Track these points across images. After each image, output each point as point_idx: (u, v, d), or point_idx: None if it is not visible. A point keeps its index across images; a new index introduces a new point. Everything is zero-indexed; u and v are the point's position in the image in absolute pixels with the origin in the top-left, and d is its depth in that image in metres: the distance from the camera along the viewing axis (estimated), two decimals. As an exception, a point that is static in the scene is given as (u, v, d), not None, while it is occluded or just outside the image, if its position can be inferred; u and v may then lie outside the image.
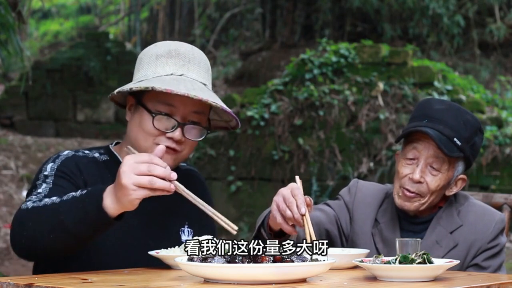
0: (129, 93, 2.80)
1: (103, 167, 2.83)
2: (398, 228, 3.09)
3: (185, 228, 2.87)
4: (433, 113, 3.03)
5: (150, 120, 2.73)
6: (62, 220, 2.46)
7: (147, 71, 2.80)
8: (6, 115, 14.13)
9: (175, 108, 2.73)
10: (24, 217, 2.54)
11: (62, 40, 20.07)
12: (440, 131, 2.98)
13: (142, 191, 2.38)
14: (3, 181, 11.12)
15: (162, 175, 2.39)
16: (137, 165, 2.39)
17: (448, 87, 9.30)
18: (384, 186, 3.24)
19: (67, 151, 2.83)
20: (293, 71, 9.68)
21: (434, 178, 3.01)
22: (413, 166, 3.03)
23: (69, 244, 2.53)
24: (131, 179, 2.37)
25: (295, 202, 2.59)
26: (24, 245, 2.55)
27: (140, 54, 2.90)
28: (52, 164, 2.76)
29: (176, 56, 2.80)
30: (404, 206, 3.05)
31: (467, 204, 3.12)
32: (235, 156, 9.63)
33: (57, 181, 2.71)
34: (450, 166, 3.02)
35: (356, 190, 3.20)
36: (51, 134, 14.06)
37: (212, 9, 17.13)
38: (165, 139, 2.73)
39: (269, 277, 2.24)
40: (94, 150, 2.89)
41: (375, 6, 13.38)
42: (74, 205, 2.47)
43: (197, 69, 2.81)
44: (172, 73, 2.77)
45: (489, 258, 3.04)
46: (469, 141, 3.02)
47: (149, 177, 2.37)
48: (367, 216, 3.14)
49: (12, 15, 5.11)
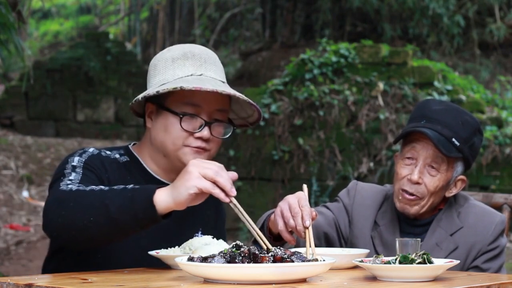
0: (147, 100, 2.81)
1: (124, 169, 2.84)
2: (398, 231, 3.08)
3: (198, 234, 2.86)
4: (431, 113, 3.02)
5: (177, 123, 2.75)
6: (107, 205, 2.44)
7: (165, 75, 2.81)
8: (6, 115, 14.13)
9: (200, 107, 2.76)
10: (66, 197, 2.51)
11: (62, 40, 20.08)
12: (438, 132, 2.97)
13: (204, 182, 2.38)
14: (3, 181, 11.12)
15: (223, 184, 2.41)
16: (206, 166, 2.41)
17: (448, 87, 9.30)
18: (383, 188, 3.23)
19: (92, 148, 2.83)
20: (293, 71, 9.68)
21: (432, 178, 3.00)
22: (412, 167, 3.02)
23: (106, 232, 2.48)
24: (198, 168, 2.38)
25: (300, 213, 2.57)
26: (59, 223, 2.50)
27: (153, 60, 2.90)
28: (79, 157, 2.77)
29: (192, 57, 2.82)
30: (405, 210, 3.04)
31: (467, 206, 3.11)
32: (235, 156, 9.63)
33: (86, 173, 2.71)
34: (449, 167, 3.01)
35: (355, 193, 3.18)
36: (51, 134, 14.07)
37: (212, 9, 17.13)
38: (193, 139, 2.76)
39: (269, 277, 2.24)
40: (115, 150, 2.89)
41: (375, 6, 13.38)
42: (122, 193, 2.46)
43: (214, 68, 2.84)
44: (192, 74, 2.80)
45: (489, 260, 3.04)
46: (468, 141, 3.01)
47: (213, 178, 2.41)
48: (366, 219, 3.13)
49: (12, 15, 5.11)
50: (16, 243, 8.96)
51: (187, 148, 2.76)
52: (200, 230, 2.88)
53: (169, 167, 2.84)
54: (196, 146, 2.75)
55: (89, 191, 2.51)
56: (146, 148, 2.87)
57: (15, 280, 2.32)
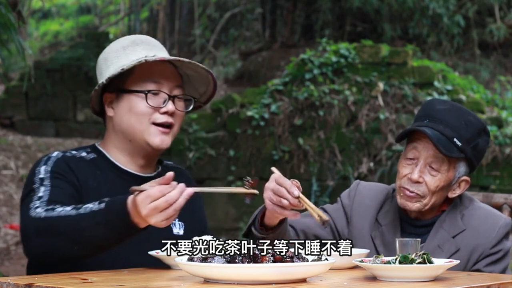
0: (103, 91, 2.87)
1: (93, 165, 2.86)
2: (399, 231, 3.06)
3: (176, 221, 2.90)
4: (434, 113, 3.01)
5: (141, 101, 2.82)
6: (88, 237, 2.53)
7: (120, 63, 2.87)
8: (6, 115, 14.12)
9: (161, 84, 2.84)
10: (41, 228, 2.58)
11: (62, 40, 20.06)
12: (440, 131, 2.96)
13: (161, 216, 2.47)
14: (3, 181, 11.12)
15: (174, 199, 2.48)
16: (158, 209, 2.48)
17: (448, 87, 9.29)
18: (385, 186, 3.21)
19: (55, 152, 2.86)
20: (293, 71, 9.68)
21: (433, 178, 2.99)
22: (413, 166, 3.01)
23: (94, 253, 2.61)
24: (154, 217, 2.46)
25: (284, 189, 2.63)
26: (44, 254, 2.60)
27: (101, 56, 2.97)
28: (45, 166, 2.79)
29: (141, 43, 2.91)
30: (406, 206, 3.03)
31: (471, 208, 3.07)
32: (235, 156, 9.62)
33: (54, 183, 2.74)
34: (450, 167, 2.99)
35: (355, 193, 3.16)
36: (51, 134, 14.06)
37: (212, 9, 17.12)
38: (159, 115, 2.82)
39: (269, 277, 2.24)
40: (81, 150, 2.92)
41: (375, 6, 13.37)
42: (96, 220, 2.53)
43: (164, 52, 2.94)
44: (146, 56, 2.86)
45: (491, 264, 2.99)
46: (471, 142, 2.99)
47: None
48: (365, 219, 3.11)
49: (12, 15, 5.11)
50: (16, 243, 8.96)
51: (153, 127, 2.82)
52: (176, 218, 2.90)
53: (136, 152, 2.88)
54: (163, 122, 2.81)
55: (57, 218, 2.57)
56: (110, 141, 2.91)
57: (15, 280, 2.32)
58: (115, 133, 2.88)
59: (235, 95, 10.22)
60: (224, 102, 9.80)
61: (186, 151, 9.76)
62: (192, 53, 16.26)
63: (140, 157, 2.88)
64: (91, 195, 2.74)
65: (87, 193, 2.76)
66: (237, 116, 9.63)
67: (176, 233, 2.88)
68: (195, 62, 2.86)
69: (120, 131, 2.86)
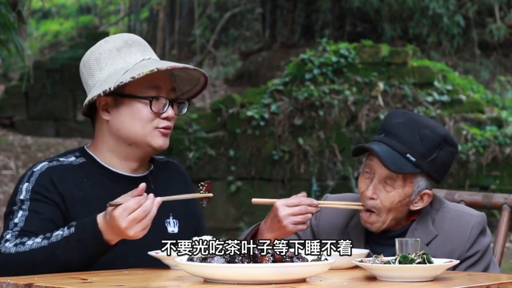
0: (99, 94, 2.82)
1: (80, 171, 2.84)
2: (363, 244, 2.95)
3: (170, 219, 2.90)
4: (390, 127, 2.92)
5: (145, 107, 2.81)
6: (64, 262, 2.59)
7: (116, 65, 2.85)
8: (6, 115, 14.12)
9: (160, 89, 2.84)
10: (13, 266, 2.61)
11: (62, 40, 20.06)
12: (392, 147, 2.86)
13: (138, 227, 2.54)
14: (3, 181, 11.12)
15: (148, 209, 2.54)
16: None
17: (448, 87, 9.30)
18: (352, 196, 3.09)
19: (41, 164, 2.83)
20: (293, 71, 9.68)
21: (387, 194, 2.88)
22: (368, 182, 2.91)
23: (73, 270, 2.63)
24: (133, 229, 2.53)
25: (303, 206, 2.73)
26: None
27: (90, 55, 2.90)
28: (27, 184, 2.78)
29: (133, 44, 2.89)
30: (367, 226, 2.94)
31: (442, 210, 2.96)
32: (235, 156, 9.63)
33: (33, 207, 2.74)
34: (407, 182, 2.88)
35: (321, 211, 2.98)
36: (51, 134, 14.06)
37: (212, 9, 17.12)
38: (161, 120, 2.83)
39: (269, 277, 2.24)
40: (70, 154, 2.89)
41: (375, 6, 13.37)
42: (70, 245, 2.58)
43: (153, 53, 2.94)
44: (144, 59, 2.86)
45: (471, 266, 2.90)
46: (427, 156, 2.86)
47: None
48: (333, 236, 2.97)
49: (12, 15, 5.11)
50: (16, 243, 8.95)
51: (156, 131, 2.83)
52: (171, 215, 2.91)
53: (132, 155, 2.87)
54: (164, 127, 2.83)
55: (30, 252, 2.60)
56: (103, 144, 2.88)
57: (15, 280, 2.32)
58: (110, 136, 2.85)
59: (235, 95, 10.22)
60: (224, 102, 9.81)
61: (186, 151, 9.76)
62: (192, 53, 16.27)
63: (135, 160, 2.87)
64: (77, 205, 2.75)
65: (72, 204, 2.75)
66: (237, 116, 9.63)
67: (171, 231, 2.88)
68: (201, 70, 2.88)
69: (119, 135, 2.83)
